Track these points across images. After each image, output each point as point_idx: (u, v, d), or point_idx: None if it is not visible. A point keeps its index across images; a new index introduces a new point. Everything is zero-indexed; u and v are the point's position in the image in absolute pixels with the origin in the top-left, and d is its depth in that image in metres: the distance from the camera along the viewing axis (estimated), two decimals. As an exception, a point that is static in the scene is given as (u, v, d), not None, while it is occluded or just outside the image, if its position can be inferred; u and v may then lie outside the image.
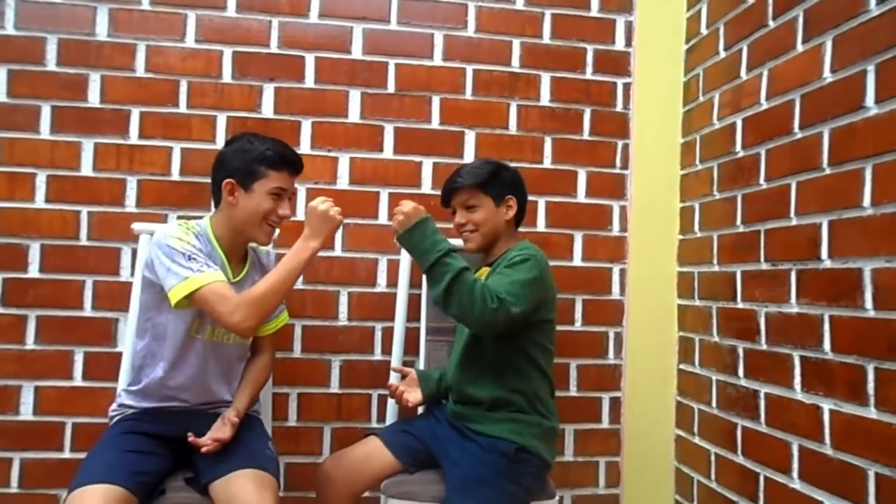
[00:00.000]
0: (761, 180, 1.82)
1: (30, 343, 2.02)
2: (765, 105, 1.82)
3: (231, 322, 1.46)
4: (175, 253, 1.49)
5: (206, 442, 1.52)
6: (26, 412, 2.01)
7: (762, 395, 1.78)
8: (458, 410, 1.69)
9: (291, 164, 1.63)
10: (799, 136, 1.68)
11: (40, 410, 2.01)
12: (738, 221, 1.93)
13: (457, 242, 1.83)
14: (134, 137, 2.08)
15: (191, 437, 1.52)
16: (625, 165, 2.29)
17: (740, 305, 1.90)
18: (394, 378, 1.87)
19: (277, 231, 1.73)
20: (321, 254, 2.11)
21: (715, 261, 2.04)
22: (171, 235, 1.53)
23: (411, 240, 1.54)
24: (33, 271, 2.03)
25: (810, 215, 1.62)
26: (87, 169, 2.06)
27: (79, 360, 2.03)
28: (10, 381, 2.00)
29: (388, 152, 2.19)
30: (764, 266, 1.79)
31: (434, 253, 1.49)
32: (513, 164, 2.16)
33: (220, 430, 1.55)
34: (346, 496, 1.64)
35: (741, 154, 1.93)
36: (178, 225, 1.59)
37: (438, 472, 1.65)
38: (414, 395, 1.74)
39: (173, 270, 1.47)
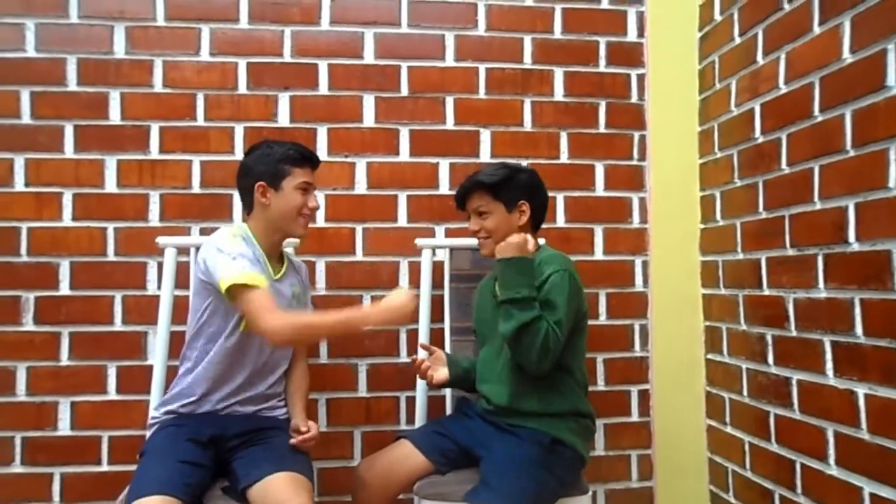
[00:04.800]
0: (783, 165, 1.80)
1: (64, 359, 2.06)
2: (783, 89, 1.80)
3: (266, 327, 1.50)
4: (223, 254, 1.57)
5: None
6: (64, 427, 2.05)
7: (794, 382, 1.76)
8: (492, 409, 1.70)
9: (311, 159, 1.76)
10: (820, 118, 1.66)
11: (77, 425, 2.05)
12: (761, 208, 1.91)
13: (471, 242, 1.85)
14: (154, 152, 2.12)
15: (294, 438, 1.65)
16: (642, 157, 2.28)
17: (767, 292, 1.88)
18: (421, 354, 1.82)
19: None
20: (343, 259, 2.16)
21: (739, 248, 2.02)
22: (221, 237, 1.63)
23: (510, 268, 1.59)
24: (64, 288, 2.07)
25: (835, 198, 1.60)
26: (111, 185, 2.10)
27: (112, 374, 2.07)
28: (47, 397, 2.04)
29: (404, 155, 2.20)
30: (790, 252, 1.77)
31: (521, 292, 1.55)
32: (529, 161, 2.19)
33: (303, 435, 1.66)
34: (380, 499, 1.66)
35: (761, 140, 1.91)
36: (226, 231, 1.66)
37: (471, 472, 1.65)
38: (440, 373, 1.73)
39: (221, 265, 1.56)
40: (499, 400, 1.67)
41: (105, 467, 2.05)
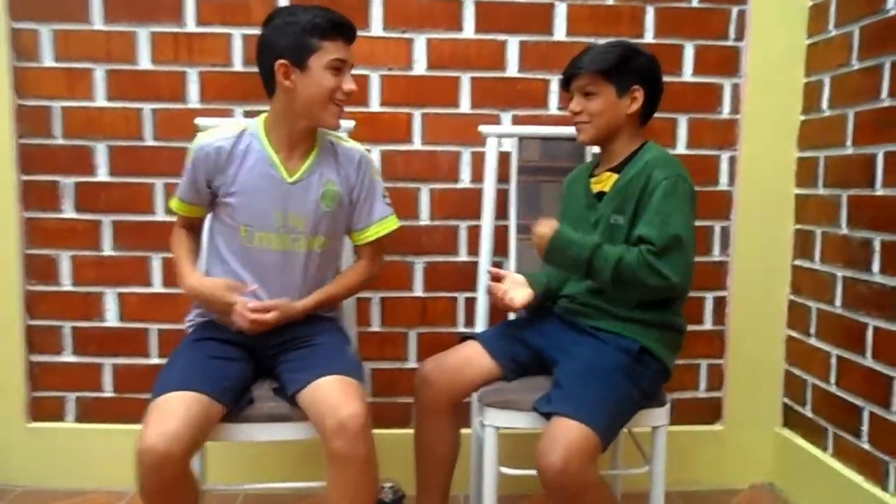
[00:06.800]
0: (923, 42, 1.53)
1: (107, 249, 1.97)
2: (935, -54, 1.50)
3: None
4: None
5: (238, 318, 1.42)
6: (112, 319, 1.99)
7: (906, 293, 1.58)
8: (575, 308, 1.56)
9: (345, 29, 1.44)
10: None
11: (125, 317, 1.99)
12: (885, 94, 1.65)
13: (569, 130, 1.63)
14: (191, 25, 1.91)
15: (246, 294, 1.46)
16: (740, 36, 1.99)
17: (880, 192, 1.66)
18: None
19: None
20: (399, 147, 1.97)
21: (849, 142, 1.78)
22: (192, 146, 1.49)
23: (556, 258, 1.47)
24: (102, 175, 1.94)
25: None
26: (145, 62, 1.91)
27: (156, 266, 1.98)
28: (91, 287, 1.97)
29: (468, 31, 1.95)
30: (919, 145, 1.54)
31: (583, 259, 1.42)
32: (609, 39, 1.91)
33: (257, 314, 1.43)
34: (444, 400, 1.56)
35: (894, 12, 1.62)
36: (209, 132, 1.50)
37: (542, 379, 1.54)
38: (521, 294, 1.55)
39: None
40: (586, 296, 1.52)
41: (155, 359, 2.00)
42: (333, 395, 1.33)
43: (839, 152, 1.82)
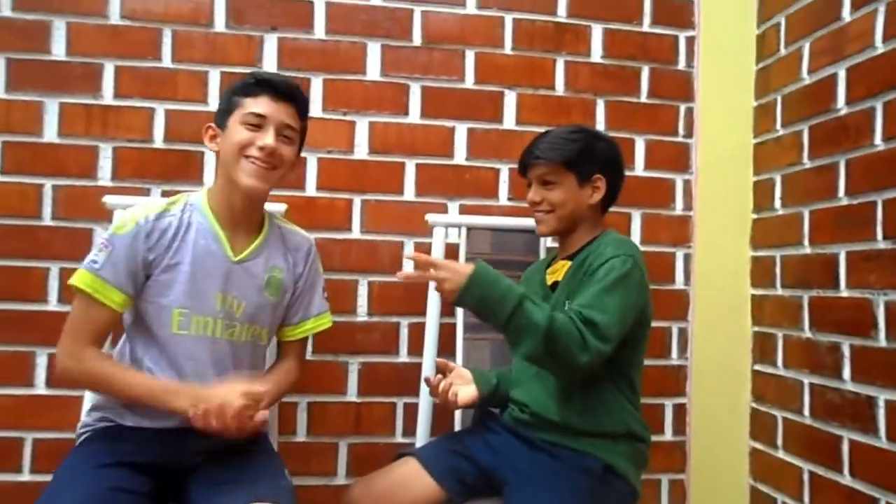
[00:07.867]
0: (876, 140, 1.50)
1: (-20, 345, 1.67)
2: (881, 48, 1.50)
3: (58, 352, 1.24)
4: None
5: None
6: (-24, 427, 1.66)
7: (881, 403, 1.46)
8: (528, 420, 1.36)
9: (269, 84, 1.29)
10: (935, 82, 1.36)
11: (-7, 426, 1.66)
12: (841, 192, 1.60)
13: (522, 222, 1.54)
14: (108, 97, 1.73)
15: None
16: (689, 133, 1.96)
17: (845, 294, 1.58)
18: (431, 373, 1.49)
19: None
20: (336, 235, 1.81)
21: (805, 241, 1.72)
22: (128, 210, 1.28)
23: (473, 296, 1.20)
24: (-15, 257, 1.68)
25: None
26: (50, 134, 1.71)
27: (41, 363, 1.68)
28: (-46, 391, 1.65)
29: (414, 116, 1.85)
30: (882, 244, 1.47)
31: (509, 303, 1.18)
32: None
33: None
34: (378, 530, 1.31)
35: (844, 112, 1.61)
36: (151, 201, 1.30)
37: (491, 502, 1.32)
38: (466, 392, 1.37)
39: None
40: (544, 411, 1.34)
41: (27, 476, 1.67)
42: None
43: (796, 251, 1.76)
